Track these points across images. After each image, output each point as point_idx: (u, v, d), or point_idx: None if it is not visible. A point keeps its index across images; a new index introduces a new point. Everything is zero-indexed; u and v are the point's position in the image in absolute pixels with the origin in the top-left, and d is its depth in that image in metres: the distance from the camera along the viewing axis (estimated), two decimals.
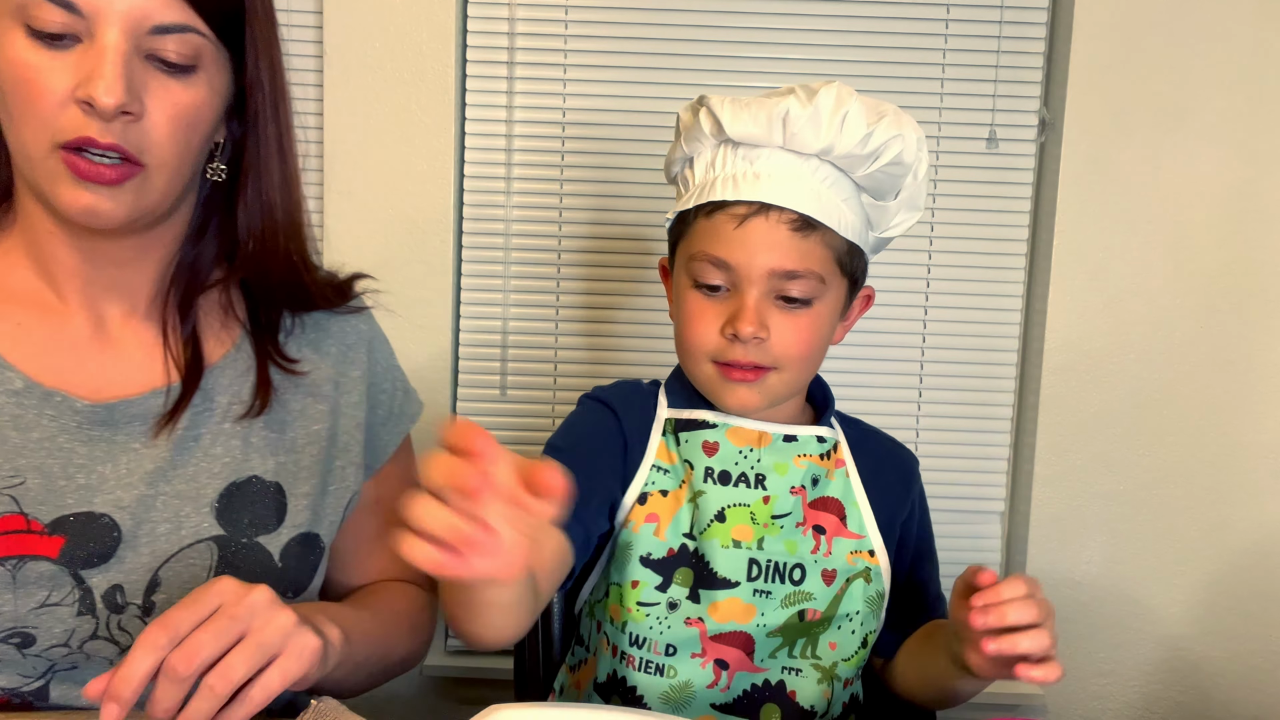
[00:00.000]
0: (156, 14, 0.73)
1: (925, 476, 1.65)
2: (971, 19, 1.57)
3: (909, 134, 0.90)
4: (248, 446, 0.85)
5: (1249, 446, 1.60)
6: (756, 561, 0.94)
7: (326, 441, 0.90)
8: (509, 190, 1.60)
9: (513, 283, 1.62)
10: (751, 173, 0.89)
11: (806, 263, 0.90)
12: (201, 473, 0.83)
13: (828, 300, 0.93)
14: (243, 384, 0.87)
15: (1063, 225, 1.56)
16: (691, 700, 0.94)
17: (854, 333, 1.63)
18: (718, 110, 0.89)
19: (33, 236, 0.81)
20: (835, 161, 0.90)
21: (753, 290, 0.90)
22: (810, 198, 0.89)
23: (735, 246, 0.89)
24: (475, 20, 1.57)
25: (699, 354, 0.93)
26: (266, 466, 0.86)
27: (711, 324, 0.92)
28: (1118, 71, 1.53)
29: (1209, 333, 1.58)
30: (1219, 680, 1.65)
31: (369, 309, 0.99)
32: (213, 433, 0.84)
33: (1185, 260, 1.57)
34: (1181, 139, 1.54)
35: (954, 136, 1.59)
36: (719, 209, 0.91)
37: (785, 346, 0.91)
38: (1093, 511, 1.61)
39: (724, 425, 0.97)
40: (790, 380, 0.94)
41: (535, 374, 1.63)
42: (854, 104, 0.87)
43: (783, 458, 0.96)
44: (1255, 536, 1.61)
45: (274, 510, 0.85)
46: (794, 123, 0.87)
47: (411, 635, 0.95)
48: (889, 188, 0.92)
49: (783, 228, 0.89)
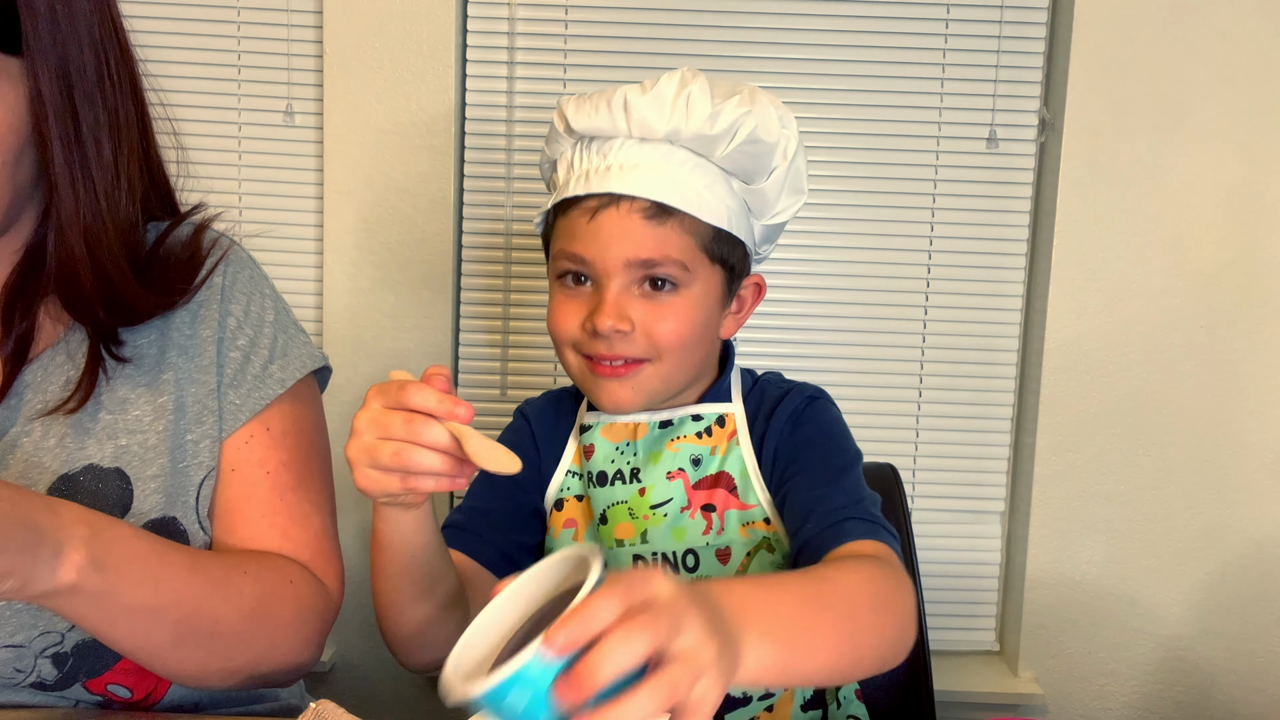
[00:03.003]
0: None
1: (925, 476, 1.66)
2: (971, 19, 1.57)
3: (765, 111, 0.87)
4: (82, 434, 0.79)
5: (1249, 446, 1.60)
6: (641, 557, 0.93)
7: (174, 414, 0.82)
8: (509, 190, 1.60)
9: (513, 283, 1.62)
10: (603, 166, 0.88)
11: (664, 250, 0.87)
12: (32, 468, 0.77)
13: (695, 289, 0.90)
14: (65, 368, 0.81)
15: (1063, 225, 1.56)
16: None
17: (854, 331, 1.65)
18: (565, 107, 0.89)
19: None
20: (688, 145, 0.87)
21: (611, 283, 0.88)
22: (663, 184, 0.87)
23: (589, 240, 0.88)
24: (475, 20, 1.57)
25: (565, 345, 0.91)
26: (104, 452, 0.80)
27: (573, 317, 0.90)
28: (1118, 71, 1.53)
29: (1209, 333, 1.58)
30: (1219, 680, 1.65)
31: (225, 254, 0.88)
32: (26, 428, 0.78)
33: (1185, 260, 1.57)
34: (1181, 139, 1.54)
35: (954, 136, 1.59)
36: (572, 205, 0.89)
37: (658, 337, 0.88)
38: (1093, 511, 1.61)
39: (598, 425, 0.96)
40: (668, 373, 0.91)
41: (535, 374, 1.63)
42: (697, 84, 0.85)
43: (658, 446, 0.94)
44: (1255, 536, 1.61)
45: (116, 498, 0.79)
46: (635, 109, 0.85)
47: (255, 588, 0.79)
48: (755, 169, 0.89)
49: (635, 216, 0.87)
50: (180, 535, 0.81)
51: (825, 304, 1.61)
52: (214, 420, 0.84)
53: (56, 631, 0.79)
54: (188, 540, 0.82)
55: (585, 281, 0.90)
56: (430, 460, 0.67)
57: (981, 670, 1.67)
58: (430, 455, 0.67)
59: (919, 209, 1.61)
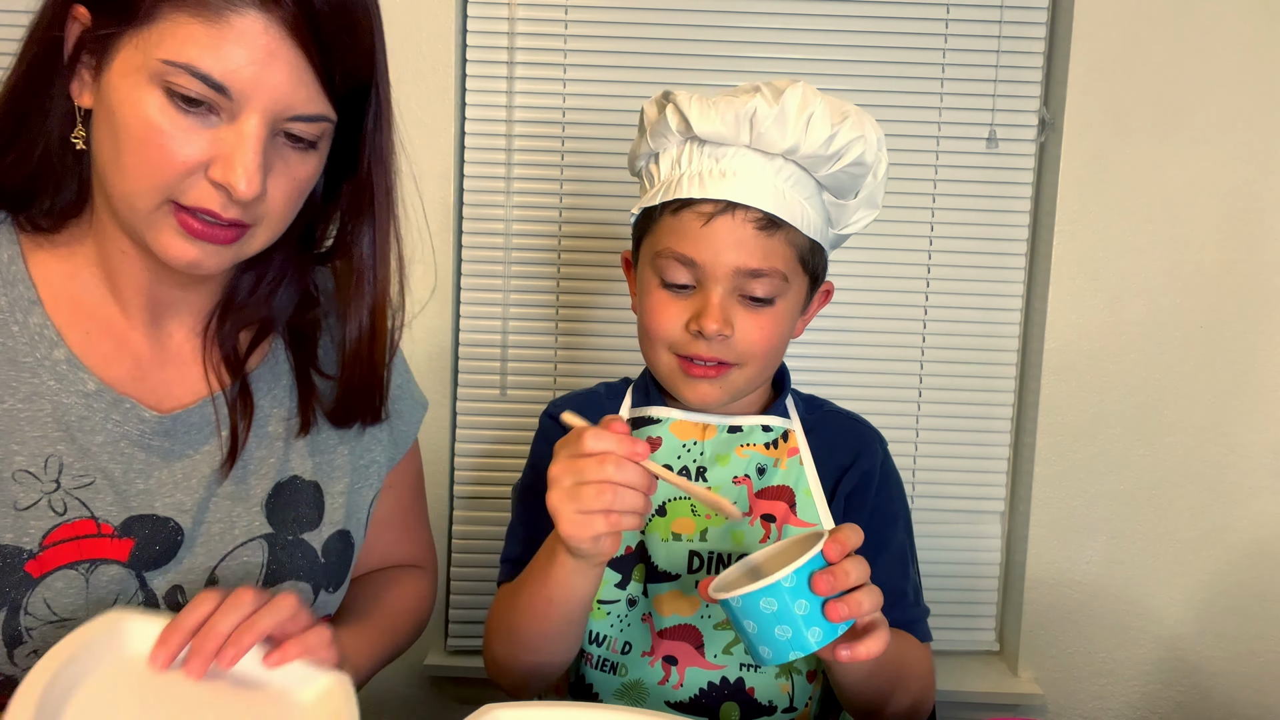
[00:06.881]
0: (300, 106, 0.74)
1: (925, 476, 1.66)
2: (971, 19, 1.57)
3: (870, 135, 0.91)
4: (288, 448, 0.88)
5: (1249, 446, 1.60)
6: (698, 553, 0.95)
7: (354, 440, 0.93)
8: (509, 190, 1.60)
9: (513, 283, 1.62)
10: (718, 170, 0.90)
11: (771, 261, 0.90)
12: (250, 474, 0.86)
13: (790, 298, 0.93)
14: (278, 387, 0.89)
15: (1063, 225, 1.56)
16: (644, 699, 0.96)
17: (854, 331, 1.65)
18: (685, 107, 0.90)
19: (105, 252, 0.81)
20: (799, 161, 0.90)
21: (718, 288, 0.90)
22: (775, 196, 0.89)
23: (701, 244, 0.90)
24: (475, 20, 1.57)
25: (660, 344, 0.94)
26: (305, 467, 0.89)
27: (676, 318, 0.92)
28: (1118, 71, 1.53)
29: (1209, 333, 1.58)
30: (1219, 680, 1.65)
31: None
32: (257, 437, 0.87)
33: (1185, 260, 1.57)
34: (1181, 139, 1.54)
35: (954, 136, 1.59)
36: (685, 206, 0.91)
37: (749, 344, 0.91)
38: (1093, 511, 1.61)
39: (667, 420, 0.98)
40: (752, 376, 0.94)
41: (535, 374, 1.63)
42: (819, 105, 0.88)
43: (726, 449, 0.97)
44: (1255, 536, 1.61)
45: (314, 508, 0.89)
46: (761, 122, 0.87)
47: (414, 629, 1.01)
48: (850, 187, 0.93)
49: (748, 226, 0.89)
50: (352, 546, 0.92)
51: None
52: (381, 447, 0.95)
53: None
54: (355, 550, 0.93)
55: (687, 287, 0.92)
56: (632, 499, 0.74)
57: (981, 670, 1.67)
58: (631, 494, 0.74)
59: (919, 209, 1.61)
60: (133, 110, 0.72)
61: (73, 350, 0.79)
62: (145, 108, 0.71)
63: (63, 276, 0.81)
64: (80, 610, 0.76)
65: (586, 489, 0.73)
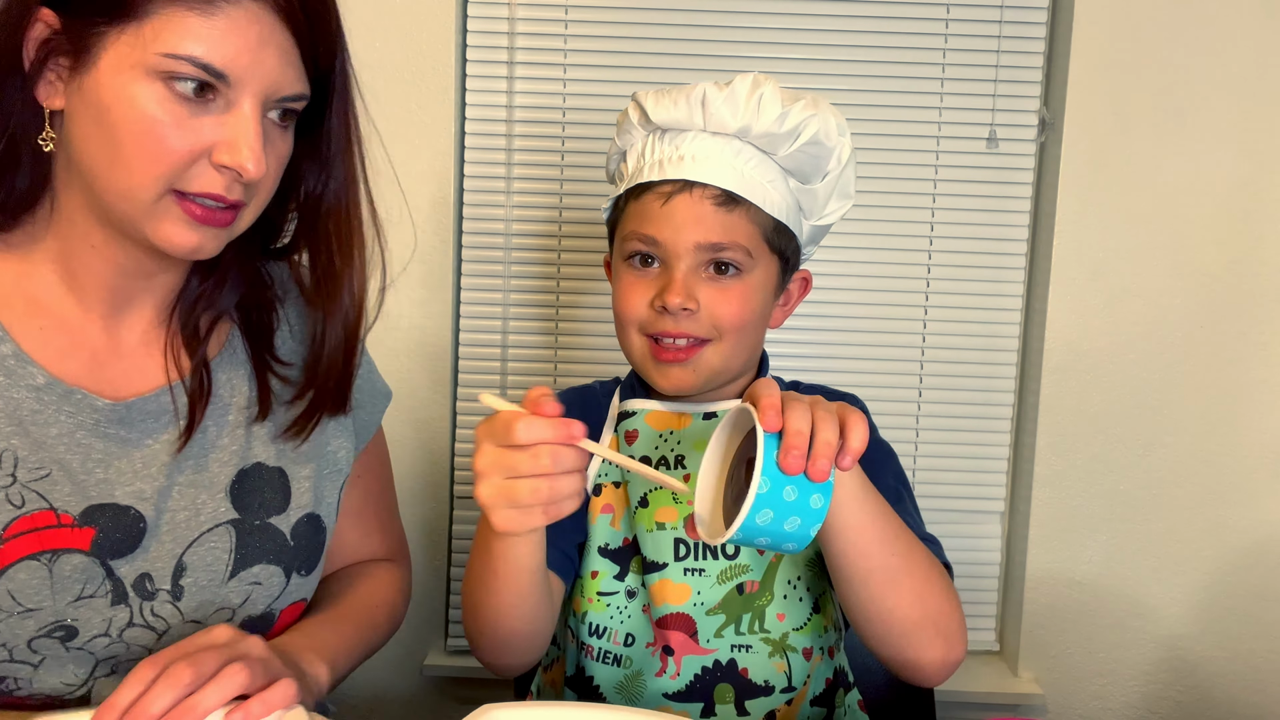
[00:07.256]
0: (288, 87, 0.77)
1: (925, 476, 1.66)
2: (971, 19, 1.57)
3: (827, 117, 0.93)
4: (249, 435, 0.89)
5: (1249, 446, 1.60)
6: (684, 541, 0.96)
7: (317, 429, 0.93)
8: (509, 190, 1.60)
9: (513, 283, 1.62)
10: (676, 155, 0.93)
11: (732, 235, 0.92)
12: (212, 461, 0.87)
13: (758, 274, 0.95)
14: (237, 375, 0.90)
15: (1063, 225, 1.56)
16: (644, 692, 0.96)
17: (854, 331, 1.65)
18: (643, 100, 0.94)
19: (70, 249, 0.81)
20: (755, 143, 0.93)
21: (680, 264, 0.93)
22: (733, 174, 0.92)
23: (662, 222, 0.93)
24: (475, 20, 1.57)
25: (631, 326, 0.96)
26: (268, 453, 0.90)
27: (642, 296, 0.94)
28: (1118, 71, 1.53)
29: (1209, 333, 1.58)
30: (1219, 680, 1.65)
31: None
32: (218, 424, 0.88)
33: (1185, 260, 1.57)
34: (1182, 138, 1.54)
35: (954, 136, 1.59)
36: (646, 190, 0.95)
37: (717, 317, 0.93)
38: (1093, 511, 1.61)
39: (643, 412, 1.00)
40: (726, 354, 0.95)
41: (535, 374, 1.63)
42: (769, 87, 0.91)
43: (702, 435, 0.97)
44: (1255, 536, 1.61)
45: (279, 492, 0.89)
46: (711, 104, 0.91)
47: (390, 623, 1.02)
48: (813, 169, 0.95)
49: (707, 203, 0.92)
50: (323, 530, 0.93)
51: (825, 303, 1.61)
52: (346, 434, 0.95)
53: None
54: (327, 534, 0.94)
55: (653, 263, 0.95)
56: (569, 484, 0.72)
57: (981, 670, 1.67)
58: (567, 479, 0.71)
59: (919, 209, 1.61)
60: (130, 105, 0.73)
61: (20, 346, 0.80)
62: (144, 101, 0.73)
63: (16, 275, 0.82)
64: (46, 600, 0.77)
65: (521, 485, 0.70)
